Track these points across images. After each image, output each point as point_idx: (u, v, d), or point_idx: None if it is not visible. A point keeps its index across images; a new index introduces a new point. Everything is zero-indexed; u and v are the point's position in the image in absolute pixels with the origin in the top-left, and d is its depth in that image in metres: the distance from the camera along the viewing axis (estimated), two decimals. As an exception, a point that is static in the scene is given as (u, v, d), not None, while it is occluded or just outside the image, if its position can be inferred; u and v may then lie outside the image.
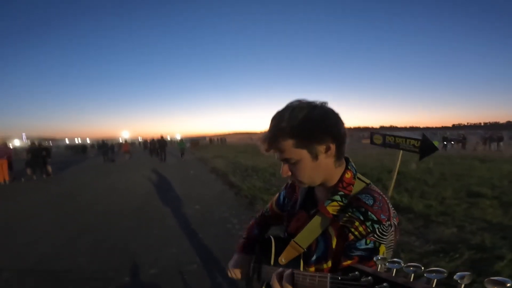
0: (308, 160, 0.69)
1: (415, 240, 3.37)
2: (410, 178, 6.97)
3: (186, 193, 6.59)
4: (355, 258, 0.64)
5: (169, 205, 5.48)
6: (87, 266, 2.94)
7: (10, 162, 9.75)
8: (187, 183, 8.17)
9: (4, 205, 5.91)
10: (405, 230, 3.67)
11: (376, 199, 0.68)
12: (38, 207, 5.62)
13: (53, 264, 2.99)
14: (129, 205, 5.60)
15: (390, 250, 0.67)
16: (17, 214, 5.14)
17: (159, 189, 7.39)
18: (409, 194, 5.37)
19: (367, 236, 0.64)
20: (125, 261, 3.03)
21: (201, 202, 5.68)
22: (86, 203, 5.94)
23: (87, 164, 16.75)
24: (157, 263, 2.97)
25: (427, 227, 3.81)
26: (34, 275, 2.75)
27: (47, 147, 11.58)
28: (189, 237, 3.74)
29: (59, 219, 4.76)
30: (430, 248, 3.08)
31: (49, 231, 4.09)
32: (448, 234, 3.49)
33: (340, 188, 0.73)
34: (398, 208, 4.49)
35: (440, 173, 7.83)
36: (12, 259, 3.15)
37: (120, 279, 2.66)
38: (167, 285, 2.56)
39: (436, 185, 6.34)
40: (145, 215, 4.86)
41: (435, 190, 5.77)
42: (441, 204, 4.79)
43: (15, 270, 2.86)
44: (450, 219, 4.01)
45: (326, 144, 0.69)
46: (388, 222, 0.65)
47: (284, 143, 0.68)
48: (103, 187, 7.94)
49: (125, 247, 3.44)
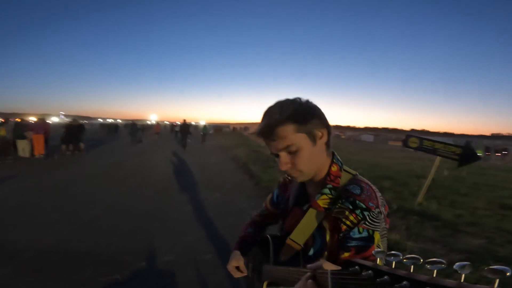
0: (308, 146, 0.71)
1: (440, 248, 3.27)
2: (440, 185, 6.62)
3: (207, 180, 6.69)
4: (352, 249, 0.64)
5: (189, 191, 5.57)
6: (105, 249, 2.96)
7: (47, 137, 10.35)
8: (207, 170, 8.27)
9: (34, 180, 6.11)
10: (430, 238, 3.55)
11: (364, 188, 0.70)
12: (65, 184, 5.79)
13: (72, 246, 3.00)
14: (150, 188, 5.71)
15: (384, 238, 0.68)
16: (43, 190, 5.26)
17: (180, 173, 7.54)
18: (438, 202, 5.11)
19: (358, 224, 0.65)
20: (142, 246, 3.06)
21: (221, 190, 5.73)
22: (110, 182, 6.12)
23: (116, 143, 17.38)
24: (173, 250, 2.99)
25: (454, 236, 3.66)
26: (53, 256, 2.74)
27: (82, 124, 12.02)
28: (206, 225, 3.76)
29: (83, 197, 4.86)
30: (456, 257, 2.98)
31: (72, 210, 4.15)
32: (475, 245, 3.36)
33: (328, 181, 0.75)
34: (425, 215, 4.31)
35: (473, 182, 7.39)
36: (33, 238, 3.14)
37: (136, 264, 2.68)
38: (181, 273, 2.56)
39: (468, 194, 6.00)
40: (165, 199, 4.94)
41: (466, 200, 5.48)
42: (471, 215, 4.57)
43: (35, 250, 2.85)
44: (479, 230, 3.84)
45: (321, 130, 0.73)
46: (377, 210, 0.67)
47: (285, 129, 0.69)
48: (127, 167, 8.21)
49: (143, 231, 3.48)
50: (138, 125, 21.31)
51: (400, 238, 3.38)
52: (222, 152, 13.29)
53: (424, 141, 4.67)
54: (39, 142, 9.75)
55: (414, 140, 4.85)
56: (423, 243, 3.36)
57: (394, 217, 4.21)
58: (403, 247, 3.15)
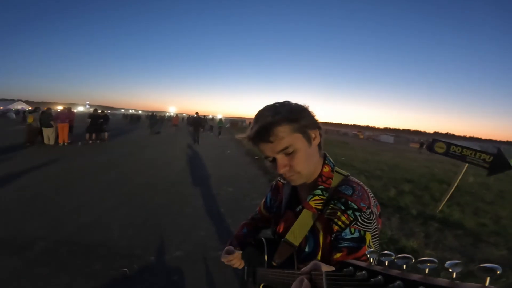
0: (305, 146, 0.71)
1: (459, 258, 3.11)
2: (464, 192, 6.31)
3: (221, 174, 6.72)
4: (344, 250, 0.64)
5: (203, 184, 5.61)
6: (117, 242, 3.00)
7: (71, 126, 10.85)
8: (222, 163, 8.32)
9: (54, 168, 6.27)
10: (450, 247, 3.41)
11: (355, 189, 0.70)
12: (83, 174, 5.90)
13: (87, 237, 3.05)
14: (165, 180, 5.78)
15: (376, 238, 0.67)
16: (65, 179, 5.44)
17: (195, 166, 7.62)
18: (461, 209, 4.87)
19: (350, 225, 0.65)
20: (153, 240, 3.09)
21: (235, 184, 5.74)
22: (127, 173, 6.24)
23: (137, 133, 17.88)
24: (183, 246, 3.00)
25: (475, 246, 3.51)
26: (67, 247, 2.80)
27: (106, 114, 12.41)
28: (218, 221, 3.75)
29: (100, 188, 4.94)
30: (474, 267, 2.78)
31: (88, 201, 4.22)
32: (497, 255, 3.23)
33: (320, 182, 0.75)
34: (447, 222, 4.13)
35: (499, 190, 6.99)
36: (50, 228, 3.22)
37: (146, 258, 2.70)
38: (190, 269, 2.57)
39: (493, 202, 5.68)
40: (179, 192, 4.97)
41: (491, 208, 5.19)
42: (495, 224, 4.35)
43: (50, 240, 2.92)
44: (502, 240, 3.67)
45: (314, 131, 0.73)
46: (369, 210, 0.67)
47: (281, 130, 0.68)
48: (145, 158, 8.38)
49: (155, 225, 3.50)
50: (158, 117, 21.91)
51: (418, 245, 3.25)
52: (237, 146, 13.33)
53: (452, 146, 4.42)
54: (63, 131, 10.17)
55: (441, 145, 4.62)
56: (442, 251, 3.23)
57: (413, 223, 4.06)
58: (421, 256, 3.03)
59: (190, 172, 6.73)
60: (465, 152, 4.21)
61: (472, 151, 4.11)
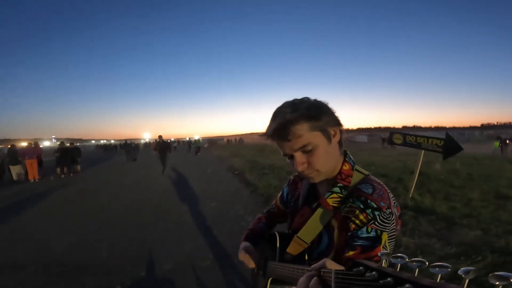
0: (324, 144, 0.69)
1: (436, 242, 3.26)
2: (434, 179, 6.67)
3: (203, 190, 6.72)
4: (357, 248, 0.62)
5: (186, 202, 5.61)
6: (106, 260, 3.07)
7: (40, 161, 10.44)
8: (204, 181, 8.32)
9: (32, 201, 6.23)
10: (426, 232, 3.56)
11: (376, 188, 0.68)
12: (63, 203, 5.90)
13: (76, 258, 3.14)
14: (148, 202, 5.77)
15: (392, 239, 0.66)
16: (43, 210, 5.44)
17: (177, 186, 7.57)
18: (432, 196, 5.16)
19: (368, 224, 0.63)
20: (142, 256, 3.14)
21: (217, 199, 5.76)
22: (108, 199, 6.17)
23: (112, 162, 17.49)
24: (172, 258, 3.05)
25: (449, 229, 3.67)
26: (57, 268, 2.89)
27: (76, 147, 12.14)
28: (204, 234, 3.80)
29: (82, 214, 4.98)
30: (452, 250, 2.97)
31: (71, 225, 4.29)
32: (471, 236, 3.36)
33: (339, 180, 0.73)
34: (419, 210, 4.34)
35: (467, 174, 7.45)
36: (37, 253, 3.33)
37: (136, 273, 2.77)
38: (180, 280, 2.62)
39: (463, 186, 6.05)
40: (163, 212, 4.99)
41: (460, 192, 5.52)
42: (466, 206, 4.59)
43: (39, 263, 3.02)
44: (475, 221, 3.85)
45: (334, 128, 0.71)
46: (389, 210, 0.65)
47: (299, 128, 0.67)
48: (124, 184, 8.24)
49: (142, 242, 3.57)
50: (133, 144, 21.57)
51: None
52: (218, 163, 13.31)
53: (407, 136, 4.81)
54: (33, 167, 9.78)
55: (397, 136, 4.99)
56: (419, 238, 3.37)
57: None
58: (398, 243, 3.18)
59: (174, 192, 6.70)
60: (419, 140, 4.59)
61: (424, 138, 4.48)
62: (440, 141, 4.32)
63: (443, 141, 4.29)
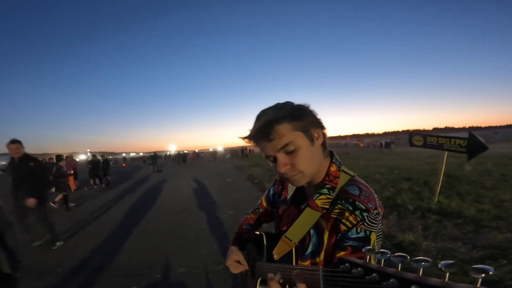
0: (307, 145, 0.70)
1: (461, 246, 3.10)
2: (464, 181, 6.30)
3: (222, 199, 6.84)
4: (348, 248, 0.64)
5: (205, 210, 5.77)
6: (126, 264, 3.30)
7: (75, 173, 11.18)
8: (223, 190, 8.44)
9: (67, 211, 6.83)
10: (450, 236, 3.40)
11: (362, 190, 0.70)
12: (94, 212, 6.35)
13: (99, 262, 3.41)
14: (169, 210, 6.07)
15: (379, 238, 0.68)
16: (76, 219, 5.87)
17: (198, 195, 7.78)
18: (460, 198, 4.88)
19: (357, 225, 0.65)
20: (159, 260, 3.32)
21: (235, 207, 5.83)
22: (134, 208, 6.56)
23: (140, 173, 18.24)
24: (187, 263, 3.21)
25: (477, 232, 3.48)
26: (83, 271, 3.18)
27: (107, 159, 12.87)
28: (220, 240, 3.91)
29: (110, 222, 5.36)
30: (477, 254, 2.81)
31: (100, 233, 4.64)
32: (500, 239, 3.16)
33: (326, 181, 0.74)
34: (445, 213, 4.14)
35: (500, 174, 6.96)
36: (66, 256, 3.70)
37: (152, 276, 2.94)
38: (193, 283, 2.74)
39: (495, 188, 5.67)
40: (182, 220, 5.19)
41: (492, 193, 5.18)
42: (497, 208, 4.31)
43: (68, 266, 3.34)
44: (505, 224, 3.62)
45: (317, 130, 0.73)
46: (376, 211, 0.67)
47: (282, 128, 0.67)
48: (149, 194, 8.62)
49: (160, 247, 3.78)
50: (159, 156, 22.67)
51: (416, 238, 3.27)
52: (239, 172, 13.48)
53: (428, 138, 4.60)
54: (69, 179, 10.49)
55: (418, 138, 4.79)
56: (442, 242, 3.22)
57: (411, 218, 4.08)
58: (419, 248, 3.05)
59: (194, 201, 6.93)
60: (441, 141, 4.37)
61: (446, 139, 4.26)
62: (463, 140, 4.11)
63: (466, 141, 4.08)
